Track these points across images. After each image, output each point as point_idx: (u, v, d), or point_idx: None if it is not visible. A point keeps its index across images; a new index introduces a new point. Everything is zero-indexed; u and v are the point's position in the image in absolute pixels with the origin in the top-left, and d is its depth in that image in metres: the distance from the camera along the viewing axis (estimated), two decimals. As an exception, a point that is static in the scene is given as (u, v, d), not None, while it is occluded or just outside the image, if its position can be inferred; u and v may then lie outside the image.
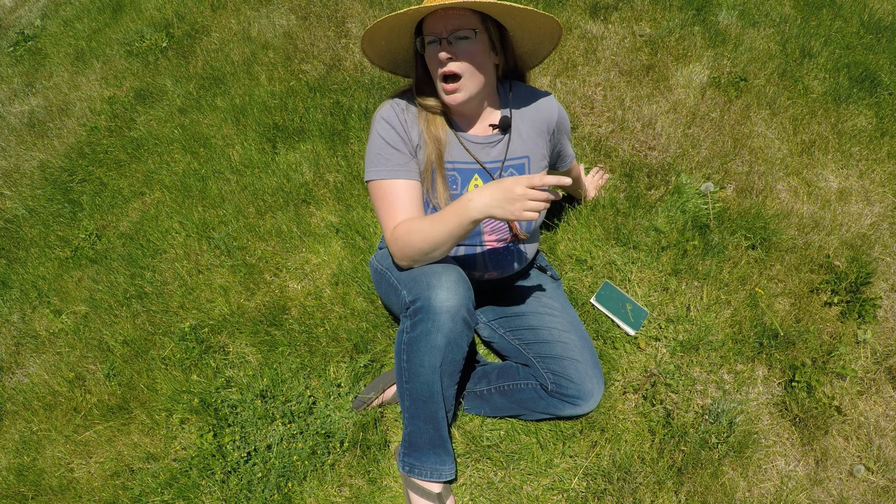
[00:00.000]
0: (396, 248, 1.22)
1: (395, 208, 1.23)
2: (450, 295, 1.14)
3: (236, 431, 1.52)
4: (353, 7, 2.99)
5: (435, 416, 1.26)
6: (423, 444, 1.30)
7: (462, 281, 1.18)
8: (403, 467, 1.33)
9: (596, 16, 2.75)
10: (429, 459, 1.31)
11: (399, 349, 1.24)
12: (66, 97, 3.04)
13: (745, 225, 1.88)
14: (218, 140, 2.48)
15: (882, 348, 1.63)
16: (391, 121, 1.25)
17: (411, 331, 1.19)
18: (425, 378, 1.21)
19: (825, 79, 2.48)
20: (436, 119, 1.28)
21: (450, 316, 1.15)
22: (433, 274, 1.18)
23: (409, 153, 1.26)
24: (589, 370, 1.37)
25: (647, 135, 2.22)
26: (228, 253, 2.02)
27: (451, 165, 1.32)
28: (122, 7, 3.56)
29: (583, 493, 1.38)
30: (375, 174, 1.25)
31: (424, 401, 1.24)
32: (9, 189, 2.63)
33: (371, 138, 1.27)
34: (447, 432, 1.31)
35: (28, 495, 1.56)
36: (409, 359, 1.21)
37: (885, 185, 2.07)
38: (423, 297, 1.16)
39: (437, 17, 1.16)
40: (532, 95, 1.35)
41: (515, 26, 1.23)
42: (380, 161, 1.25)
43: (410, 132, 1.26)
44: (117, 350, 1.83)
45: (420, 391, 1.23)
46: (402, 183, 1.24)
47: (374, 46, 1.26)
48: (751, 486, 1.39)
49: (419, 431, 1.29)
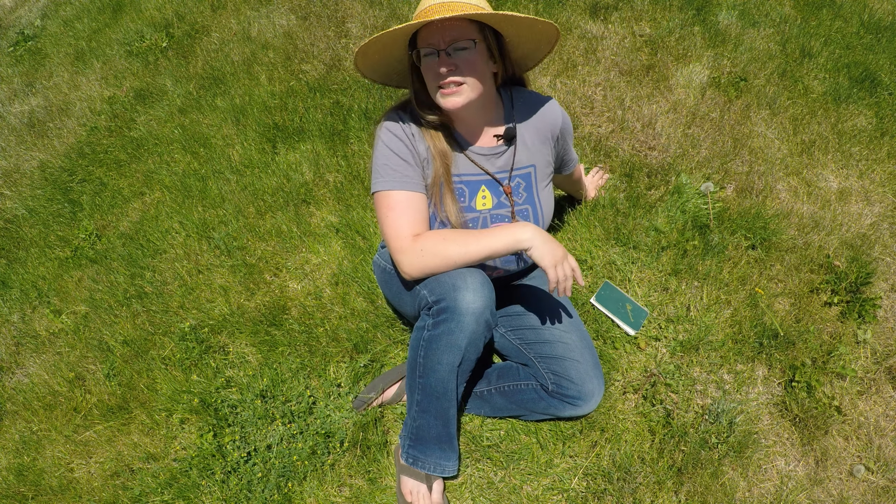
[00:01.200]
0: (416, 257, 1.18)
1: (404, 218, 1.22)
2: (476, 297, 1.15)
3: (236, 431, 1.52)
4: (353, 7, 2.99)
5: (446, 414, 1.27)
6: (430, 438, 1.30)
7: (486, 283, 1.19)
8: (407, 459, 1.33)
9: (596, 16, 2.75)
10: (433, 454, 1.31)
11: (416, 345, 1.23)
12: (66, 97, 3.04)
13: (745, 225, 1.88)
14: (218, 140, 2.48)
15: (882, 348, 1.63)
16: (397, 133, 1.24)
17: (433, 329, 1.19)
18: (441, 375, 1.21)
19: (825, 79, 2.48)
20: (440, 133, 1.27)
21: (474, 318, 1.15)
22: (458, 276, 1.17)
23: (416, 165, 1.25)
24: (589, 370, 1.37)
25: (647, 135, 2.22)
26: (228, 253, 2.02)
27: (458, 178, 1.31)
28: (122, 7, 3.56)
29: (583, 493, 1.38)
30: (382, 185, 1.23)
31: (438, 397, 1.24)
32: (9, 189, 2.63)
33: (377, 149, 1.26)
34: (455, 430, 1.32)
35: (28, 495, 1.56)
36: (426, 355, 1.21)
37: (885, 185, 2.07)
38: (448, 297, 1.16)
39: (434, 29, 1.14)
40: (535, 102, 1.34)
41: (513, 34, 1.22)
42: (386, 172, 1.23)
43: (418, 146, 1.25)
44: (117, 350, 1.83)
45: (434, 387, 1.23)
46: (410, 195, 1.23)
47: (367, 60, 1.24)
48: (751, 486, 1.39)
49: (427, 426, 1.29)
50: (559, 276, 1.19)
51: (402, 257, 1.20)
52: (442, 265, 1.18)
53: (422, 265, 1.19)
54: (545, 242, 1.18)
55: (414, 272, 1.20)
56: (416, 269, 1.20)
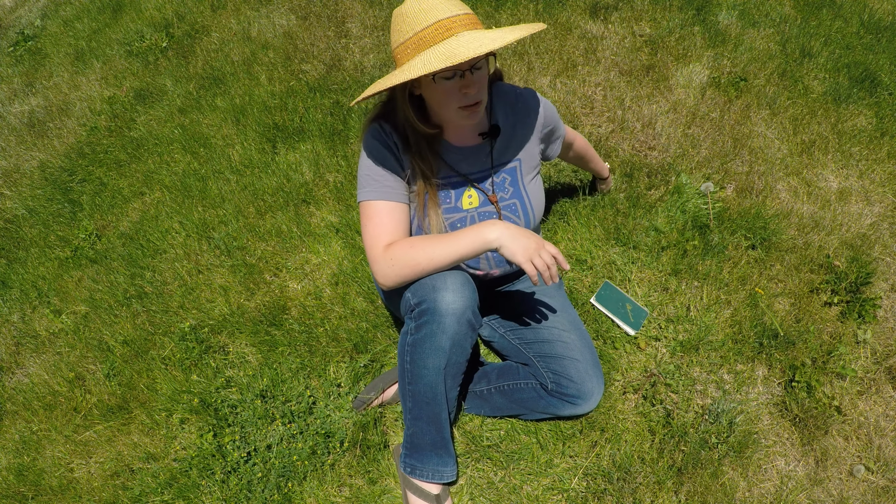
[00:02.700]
0: (387, 266, 1.18)
1: (380, 228, 1.22)
2: (455, 297, 1.14)
3: (236, 431, 1.52)
4: (353, 7, 2.99)
5: (438, 418, 1.26)
6: (425, 445, 1.29)
7: (467, 283, 1.18)
8: (405, 468, 1.33)
9: (596, 16, 2.75)
10: (430, 461, 1.31)
11: (402, 351, 1.23)
12: (66, 97, 3.04)
13: (745, 225, 1.88)
14: (218, 140, 2.48)
15: (882, 348, 1.63)
16: (380, 144, 1.23)
17: (416, 332, 1.19)
18: (429, 380, 1.20)
19: (825, 79, 2.48)
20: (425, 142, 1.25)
21: (455, 318, 1.15)
22: (438, 277, 1.17)
23: (398, 175, 1.25)
24: (589, 369, 1.37)
25: (647, 135, 2.22)
26: (228, 253, 2.02)
27: (444, 181, 1.31)
28: (122, 7, 3.56)
29: (583, 493, 1.38)
30: (364, 195, 1.24)
31: (427, 402, 1.24)
32: (9, 189, 2.63)
33: (361, 160, 1.26)
34: (450, 434, 1.31)
35: (28, 495, 1.56)
36: (412, 360, 1.21)
37: (885, 185, 2.07)
38: (428, 299, 1.15)
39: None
40: (516, 96, 1.32)
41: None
42: (368, 182, 1.24)
43: (401, 155, 1.25)
44: (117, 350, 1.83)
45: (423, 393, 1.23)
46: (391, 205, 1.24)
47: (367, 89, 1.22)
48: (751, 486, 1.39)
49: (421, 433, 1.28)
50: (539, 266, 1.14)
51: (375, 267, 1.20)
52: (412, 273, 1.17)
53: (393, 274, 1.18)
54: (514, 238, 1.14)
55: (387, 282, 1.20)
56: (389, 278, 1.19)
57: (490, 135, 1.30)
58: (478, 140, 1.31)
